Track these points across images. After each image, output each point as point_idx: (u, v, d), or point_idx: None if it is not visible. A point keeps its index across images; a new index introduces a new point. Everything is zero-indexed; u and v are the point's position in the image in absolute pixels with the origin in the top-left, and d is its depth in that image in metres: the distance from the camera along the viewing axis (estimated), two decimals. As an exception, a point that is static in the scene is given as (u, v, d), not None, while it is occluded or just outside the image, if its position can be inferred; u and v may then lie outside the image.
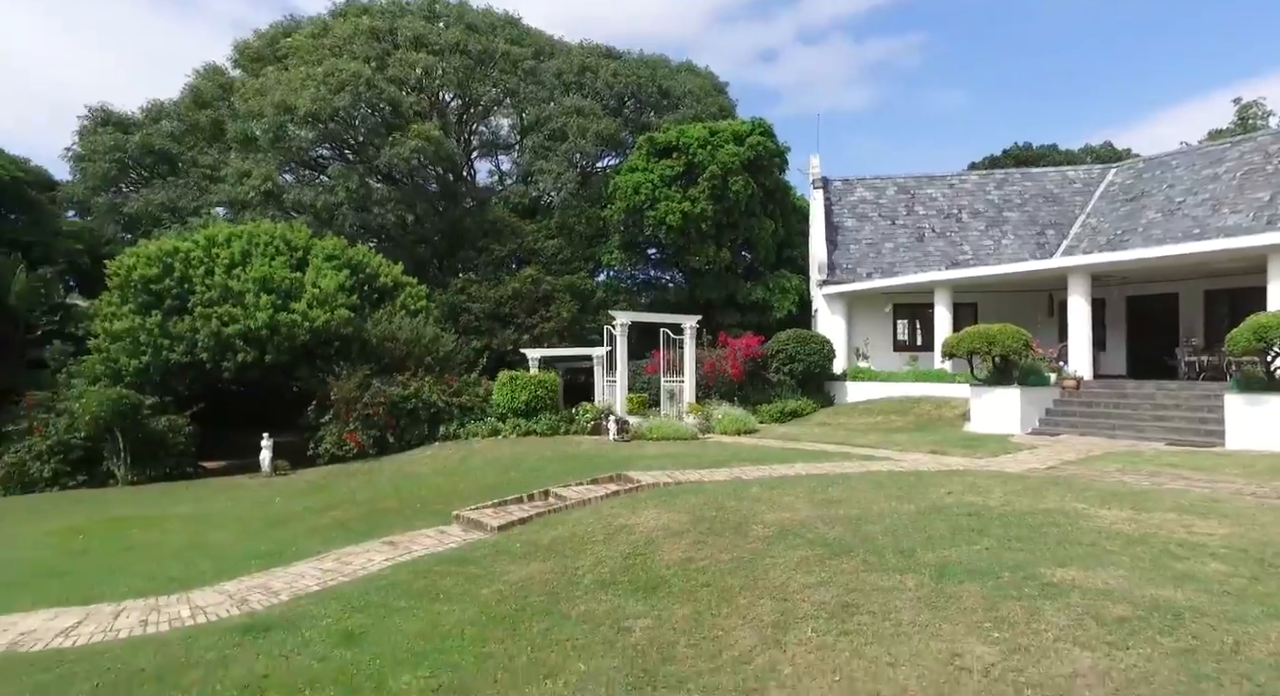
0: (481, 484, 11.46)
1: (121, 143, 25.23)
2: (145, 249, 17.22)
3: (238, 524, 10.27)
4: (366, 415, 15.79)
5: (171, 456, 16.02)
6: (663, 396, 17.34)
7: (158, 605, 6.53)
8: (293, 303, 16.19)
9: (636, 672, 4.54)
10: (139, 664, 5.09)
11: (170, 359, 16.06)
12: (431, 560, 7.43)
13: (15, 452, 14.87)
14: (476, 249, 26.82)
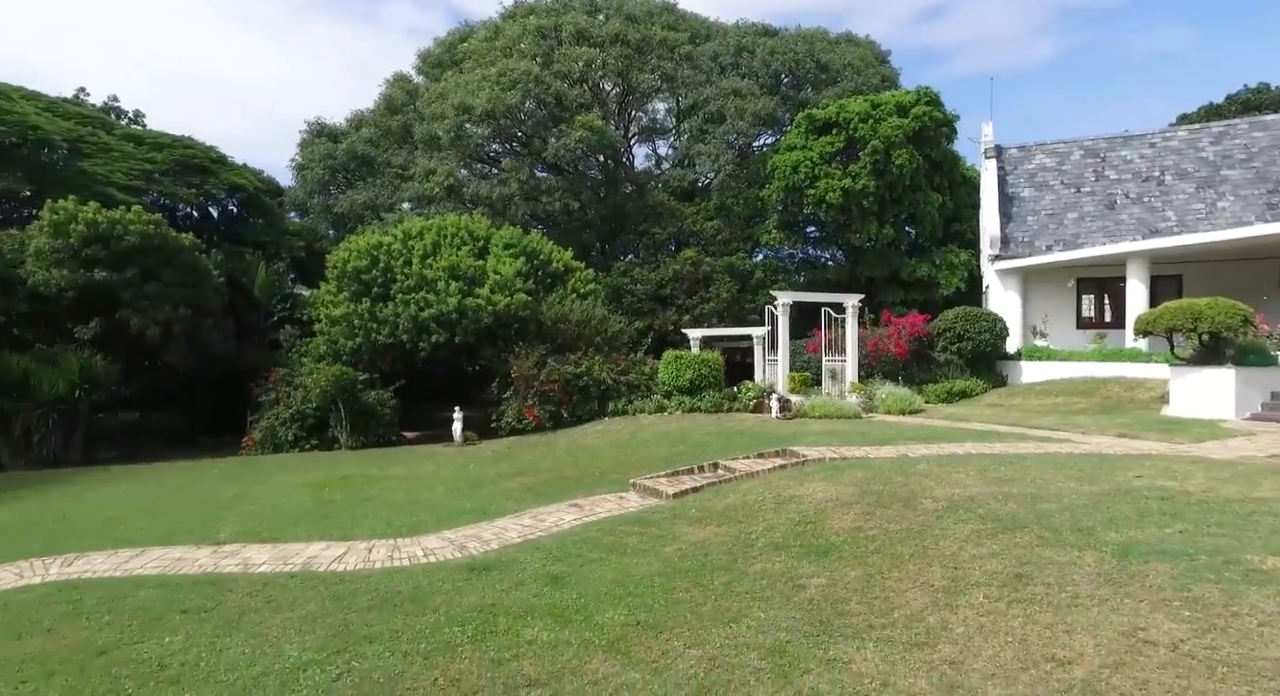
0: (652, 456, 12.26)
1: (331, 150, 28.71)
2: (355, 243, 19.65)
3: (443, 485, 11.73)
4: (543, 391, 17.17)
5: (380, 426, 18.29)
6: (824, 375, 17.37)
7: (397, 545, 7.81)
8: (477, 288, 17.88)
9: (813, 622, 4.98)
10: (396, 587, 6.24)
11: (377, 340, 18.30)
12: (615, 521, 8.24)
13: (267, 419, 17.70)
14: (637, 232, 27.86)
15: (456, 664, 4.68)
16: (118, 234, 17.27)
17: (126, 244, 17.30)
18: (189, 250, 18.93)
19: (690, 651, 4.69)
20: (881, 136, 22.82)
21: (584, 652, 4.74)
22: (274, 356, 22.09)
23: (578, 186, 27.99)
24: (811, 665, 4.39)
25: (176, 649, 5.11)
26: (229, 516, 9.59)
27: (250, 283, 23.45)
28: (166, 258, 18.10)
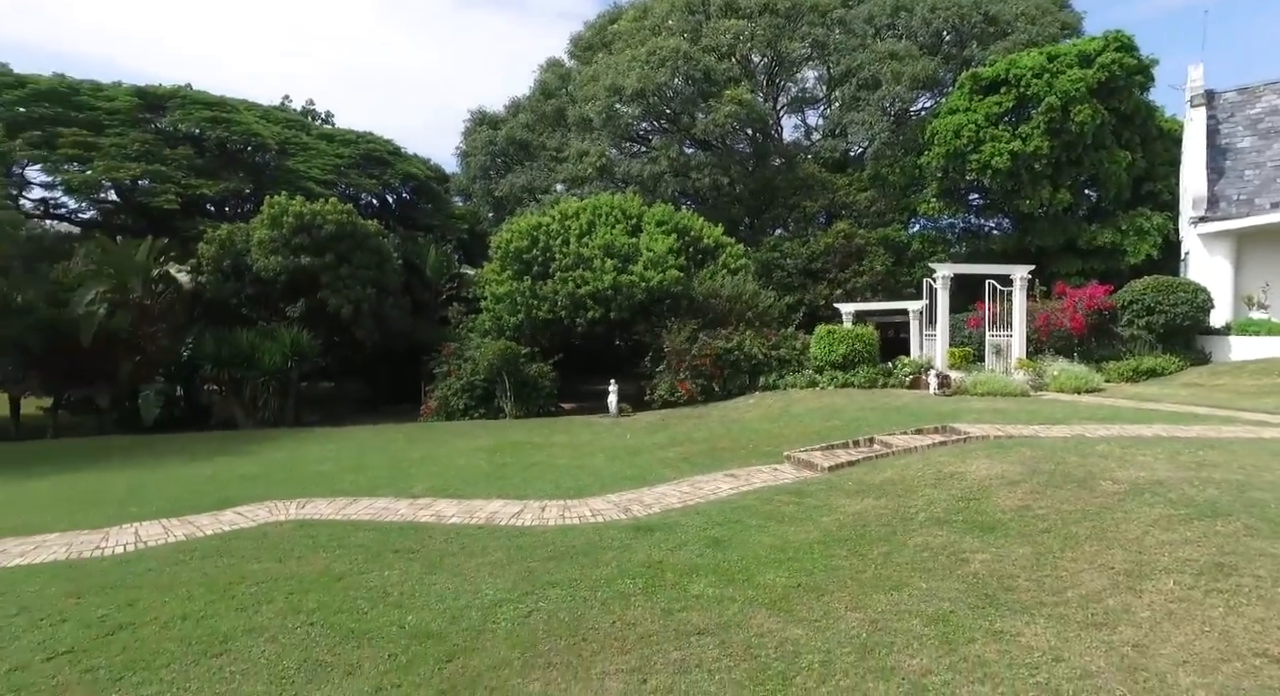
0: (805, 430, 12.30)
1: (492, 137, 30.53)
2: (516, 225, 20.89)
3: (603, 453, 12.43)
4: (694, 366, 17.56)
5: (541, 397, 19.50)
6: (987, 351, 16.46)
7: (567, 505, 8.47)
8: (631, 265, 18.50)
9: (978, 595, 4.98)
10: (570, 542, 6.84)
11: (537, 316, 19.44)
12: (771, 491, 8.45)
13: (440, 390, 19.44)
14: (787, 206, 27.44)
15: (631, 611, 5.14)
16: (318, 223, 19.50)
17: (325, 232, 19.51)
18: (374, 236, 20.99)
19: (852, 614, 4.85)
20: (1058, 92, 20.91)
21: (748, 608, 5.04)
22: (444, 332, 24.04)
23: (726, 161, 27.93)
24: (977, 635, 4.43)
25: (395, 580, 5.96)
26: (419, 474, 10.76)
27: (423, 264, 25.59)
28: (357, 243, 20.21)
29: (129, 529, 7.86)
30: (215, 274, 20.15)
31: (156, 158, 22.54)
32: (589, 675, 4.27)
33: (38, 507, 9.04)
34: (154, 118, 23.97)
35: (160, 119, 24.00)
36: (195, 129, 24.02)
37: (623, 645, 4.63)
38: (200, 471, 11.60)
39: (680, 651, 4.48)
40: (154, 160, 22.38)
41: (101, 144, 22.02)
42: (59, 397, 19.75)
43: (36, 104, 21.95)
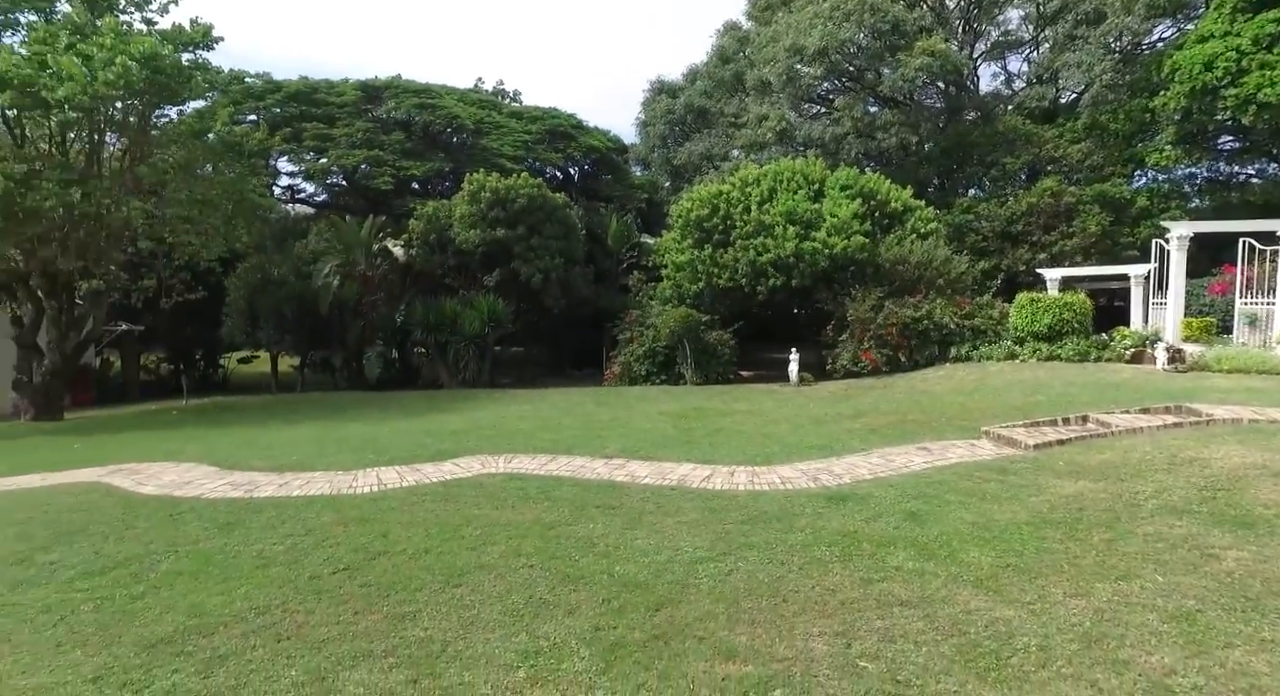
0: (1004, 405, 11.50)
1: (670, 106, 30.82)
2: (697, 193, 21.03)
3: (787, 421, 12.41)
4: (879, 335, 16.90)
5: (720, 364, 19.72)
6: (1237, 322, 14.32)
7: (755, 472, 8.61)
8: (813, 232, 18.04)
9: (1235, 597, 4.48)
10: (762, 507, 6.99)
11: (717, 284, 19.57)
12: (970, 467, 8.05)
13: (624, 356, 20.27)
14: (983, 164, 25.28)
15: (830, 577, 5.19)
16: (511, 197, 20.87)
17: (518, 206, 20.84)
18: (562, 208, 22.10)
19: (1072, 600, 4.57)
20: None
21: (952, 584, 4.91)
22: (625, 299, 24.91)
23: (915, 119, 26.19)
24: (1236, 640, 4.01)
25: (599, 533, 6.42)
26: (609, 436, 11.37)
27: (604, 234, 26.56)
28: (546, 215, 21.41)
29: (371, 473, 9.06)
30: (423, 247, 22.28)
31: (375, 144, 25.16)
32: (793, 634, 4.40)
33: (304, 450, 10.67)
34: (372, 108, 26.71)
35: (377, 108, 26.68)
36: (405, 115, 26.46)
37: (824, 609, 4.70)
38: (418, 425, 13.04)
39: (884, 620, 4.48)
40: (373, 146, 25.00)
41: (334, 135, 24.94)
42: (304, 357, 22.96)
43: (287, 104, 25.28)
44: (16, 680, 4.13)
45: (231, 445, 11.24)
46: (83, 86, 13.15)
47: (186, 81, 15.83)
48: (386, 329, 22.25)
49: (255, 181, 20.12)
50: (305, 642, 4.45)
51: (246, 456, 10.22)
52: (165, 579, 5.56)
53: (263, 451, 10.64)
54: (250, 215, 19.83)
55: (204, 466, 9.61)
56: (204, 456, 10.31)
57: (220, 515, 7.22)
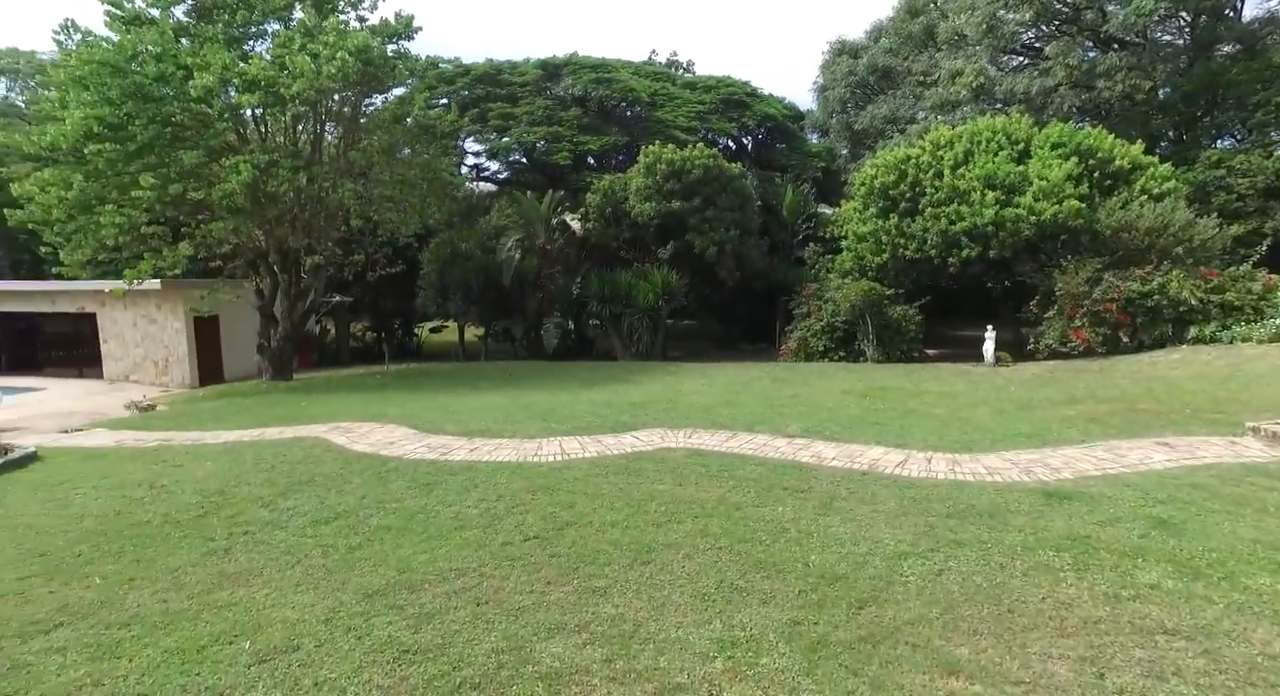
0: (1271, 397, 9.66)
1: (852, 67, 29.04)
2: (882, 159, 19.63)
3: (986, 405, 11.26)
4: (1095, 312, 14.93)
5: (904, 341, 18.44)
6: None
7: (955, 459, 7.82)
8: (1017, 197, 16.20)
9: None
10: (967, 500, 6.29)
11: (903, 256, 18.22)
12: (1234, 469, 6.80)
13: (800, 330, 19.54)
14: (1243, 107, 21.37)
15: (1062, 589, 4.51)
16: (687, 169, 20.64)
17: (693, 177, 20.58)
18: (737, 178, 21.56)
19: None
20: None
21: (1237, 616, 4.06)
22: (800, 272, 23.97)
23: (1148, 61, 22.64)
24: None
25: (789, 517, 6.07)
26: (790, 414, 10.90)
27: (779, 204, 25.66)
28: (721, 186, 20.98)
29: (554, 441, 9.29)
30: (599, 220, 22.69)
31: (554, 120, 25.93)
32: (1025, 653, 3.83)
33: (490, 417, 11.22)
34: (551, 85, 27.52)
35: (556, 85, 27.44)
36: (582, 91, 27.00)
37: (1061, 626, 4.07)
38: (597, 396, 13.29)
39: (1145, 651, 3.78)
40: (552, 123, 25.78)
41: (516, 113, 26.02)
42: (488, 327, 24.37)
43: (474, 86, 26.71)
44: (270, 612, 4.57)
45: (426, 410, 12.06)
46: (310, 81, 14.55)
47: (391, 70, 17.08)
48: (563, 301, 23.04)
49: (446, 161, 21.46)
50: (502, 609, 4.53)
51: (440, 421, 10.89)
52: (376, 533, 5.95)
53: (454, 416, 11.29)
54: (442, 193, 21.20)
55: (404, 428, 10.35)
56: (403, 419, 11.13)
57: (420, 476, 7.67)
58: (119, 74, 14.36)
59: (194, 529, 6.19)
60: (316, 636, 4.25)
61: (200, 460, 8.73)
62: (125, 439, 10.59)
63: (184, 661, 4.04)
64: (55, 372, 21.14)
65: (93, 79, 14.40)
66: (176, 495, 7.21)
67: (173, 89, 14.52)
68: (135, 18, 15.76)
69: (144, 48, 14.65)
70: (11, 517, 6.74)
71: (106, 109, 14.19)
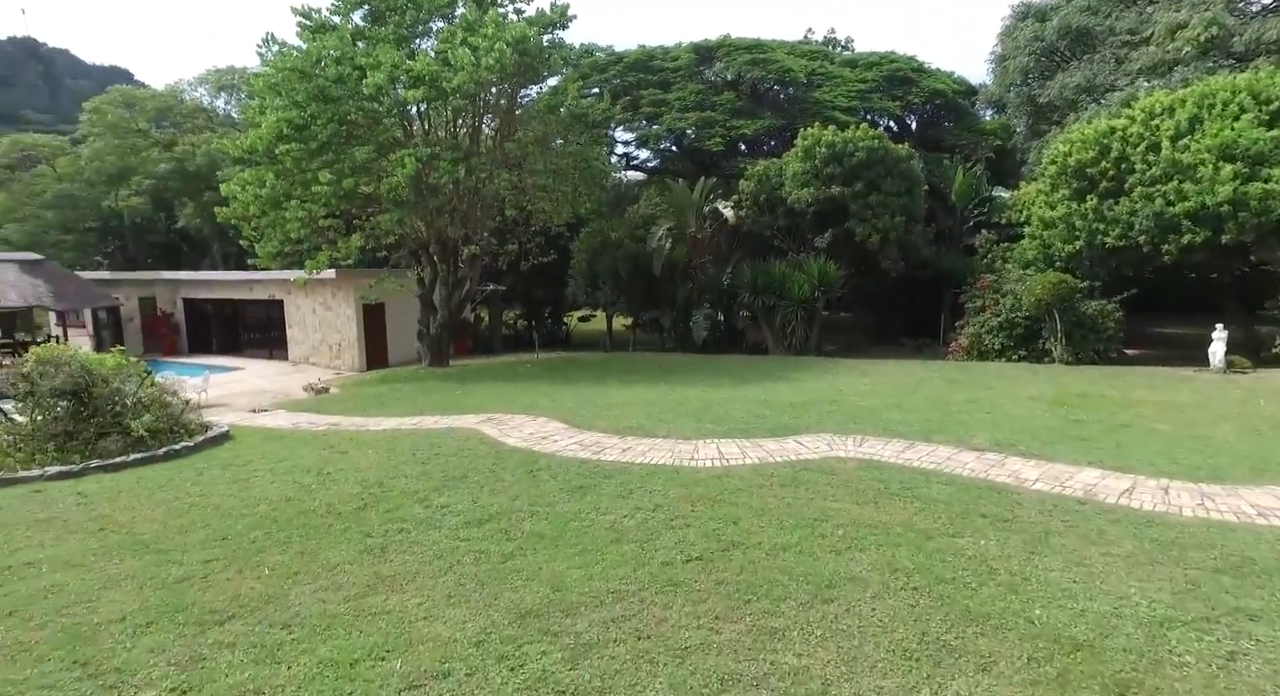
0: None
1: (1039, 32, 25.95)
2: (1078, 133, 17.27)
3: (1228, 421, 9.42)
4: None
5: (1100, 340, 16.20)
6: None
7: (1203, 492, 6.41)
8: (1267, 169, 13.56)
9: None
10: (1240, 549, 5.03)
11: (1102, 243, 15.93)
12: None
13: (973, 326, 17.71)
14: None
15: None
16: (849, 151, 19.25)
17: (855, 160, 19.16)
18: (904, 160, 19.85)
19: None
20: None
21: None
22: (969, 262, 21.83)
23: None
24: None
25: (995, 554, 5.10)
26: (972, 422, 9.64)
27: (947, 188, 23.49)
28: (887, 169, 19.39)
29: (711, 444, 8.68)
30: (752, 208, 21.75)
31: (706, 105, 25.22)
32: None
33: (642, 413, 10.81)
34: (704, 69, 26.79)
35: (708, 69, 26.69)
36: (735, 74, 26.06)
37: None
38: (752, 393, 12.54)
39: None
40: (704, 108, 25.08)
41: (668, 99, 25.56)
42: (636, 317, 24.19)
43: (626, 74, 26.53)
44: (421, 626, 4.31)
45: (577, 403, 11.86)
46: (470, 74, 14.84)
47: (546, 60, 17.13)
48: (713, 291, 22.38)
49: (598, 150, 21.34)
50: (667, 647, 3.98)
51: (590, 415, 10.60)
52: (529, 540, 5.62)
53: (605, 411, 10.98)
54: (593, 183, 21.16)
55: (555, 423, 10.15)
56: (554, 412, 10.95)
57: (573, 477, 7.34)
58: (305, 78, 15.30)
59: (353, 521, 6.17)
60: (468, 662, 3.90)
61: (363, 448, 8.93)
62: (301, 421, 11.18)
63: (337, 676, 3.83)
64: (251, 354, 23.32)
65: (284, 85, 15.45)
66: (340, 484, 7.31)
67: (348, 89, 15.27)
68: (321, 26, 16.76)
69: (326, 52, 15.52)
70: (205, 497, 7.08)
71: (294, 111, 15.16)
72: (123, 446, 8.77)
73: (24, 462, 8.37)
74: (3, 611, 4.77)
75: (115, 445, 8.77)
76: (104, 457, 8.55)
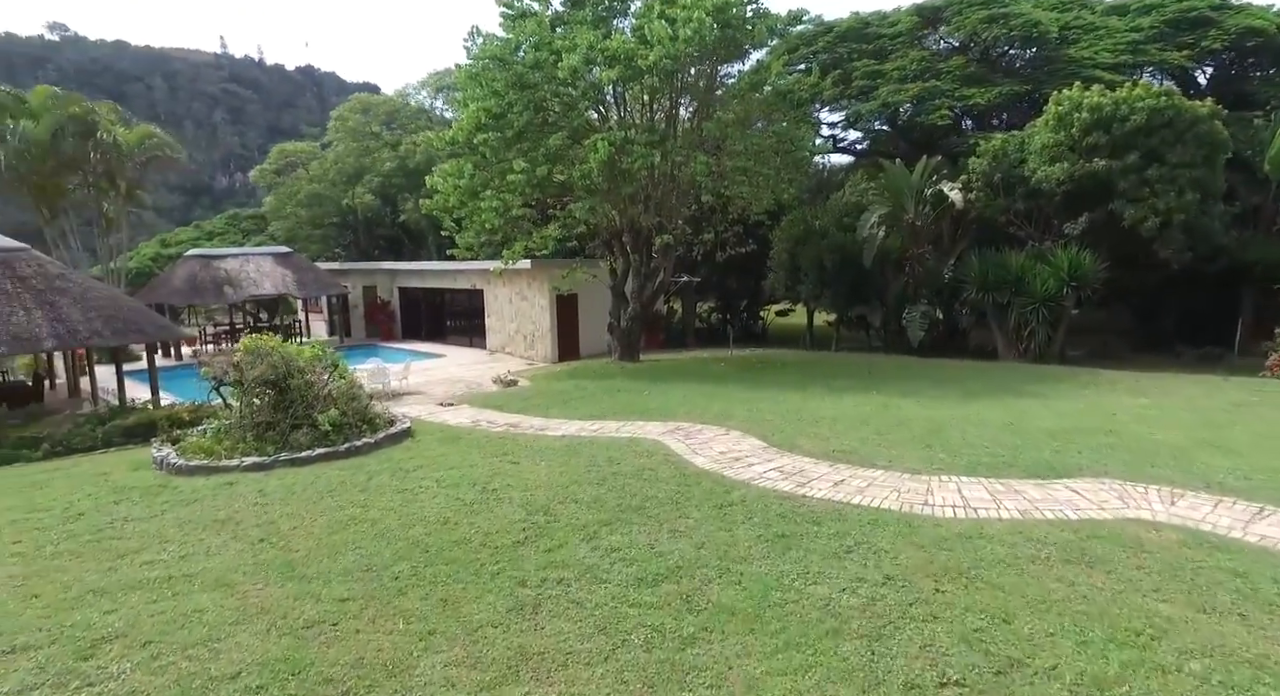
0: None
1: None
2: None
3: None
4: None
5: None
6: None
7: None
8: None
9: None
10: None
11: None
12: None
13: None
14: None
15: None
16: (1120, 116, 15.65)
17: (1130, 125, 15.52)
18: (1204, 120, 15.70)
19: None
20: None
21: None
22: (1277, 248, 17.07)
23: None
24: None
25: None
26: (1341, 475, 6.79)
27: (1255, 155, 18.58)
28: (1176, 135, 15.50)
29: (949, 484, 6.80)
30: (984, 189, 18.63)
31: (930, 74, 22.24)
32: None
33: (856, 433, 9.04)
34: (928, 33, 23.71)
35: (933, 33, 23.56)
36: (966, 36, 22.71)
37: None
38: (991, 413, 10.21)
39: None
40: (927, 77, 22.12)
41: (884, 70, 22.89)
42: (841, 313, 21.94)
43: (836, 46, 24.16)
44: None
45: (776, 414, 10.31)
46: (666, 48, 13.79)
47: (749, 31, 15.61)
48: (932, 286, 19.56)
49: (804, 129, 19.32)
50: None
51: (792, 432, 9.03)
52: (716, 617, 4.28)
53: (809, 427, 9.35)
54: (795, 167, 19.32)
55: (751, 439, 8.71)
56: (749, 424, 9.51)
57: (773, 519, 5.89)
58: (503, 66, 15.10)
59: (508, 561, 5.21)
60: None
61: (536, 459, 8.10)
62: (481, 419, 10.74)
63: None
64: (455, 341, 24.30)
65: (484, 74, 15.38)
66: (502, 505, 6.45)
67: (544, 74, 14.82)
68: (522, 14, 16.55)
69: (525, 38, 15.20)
70: (366, 509, 6.56)
71: (492, 100, 15.02)
72: (311, 439, 8.69)
73: (229, 450, 8.53)
74: (142, 638, 4.33)
75: (305, 438, 8.70)
76: (294, 450, 8.50)
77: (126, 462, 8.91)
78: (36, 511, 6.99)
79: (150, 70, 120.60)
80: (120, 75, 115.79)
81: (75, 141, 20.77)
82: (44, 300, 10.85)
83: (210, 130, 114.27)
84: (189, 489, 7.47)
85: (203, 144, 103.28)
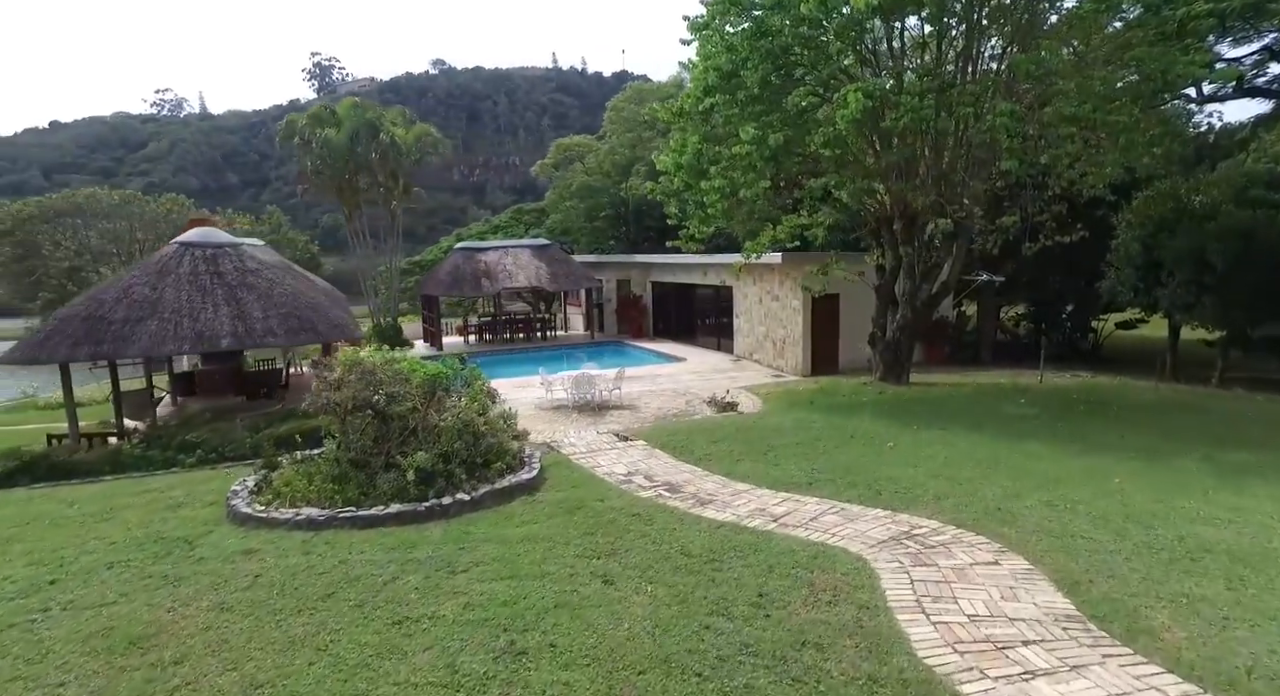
0: None
1: None
2: None
3: None
4: None
5: None
6: None
7: None
8: None
9: None
10: None
11: None
12: None
13: None
14: None
15: None
16: None
17: None
18: None
19: None
20: None
21: None
22: None
23: None
24: None
25: None
26: None
27: None
28: None
29: None
30: None
31: None
32: None
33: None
34: None
35: None
36: None
37: None
38: None
39: None
40: None
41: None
42: (1232, 330, 15.00)
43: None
44: None
45: (1105, 518, 5.91)
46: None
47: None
48: None
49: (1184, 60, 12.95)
50: None
51: (1141, 577, 4.75)
52: None
53: (1179, 566, 4.95)
54: (1161, 122, 13.34)
55: (1044, 584, 4.69)
56: (1048, 538, 5.39)
57: None
58: (739, 8, 12.04)
59: None
60: None
61: (644, 578, 5.07)
62: (641, 469, 7.97)
63: None
64: (702, 342, 21.92)
65: (716, 23, 12.49)
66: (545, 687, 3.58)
67: (789, 13, 11.40)
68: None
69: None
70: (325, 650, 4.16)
71: (724, 56, 12.07)
72: (394, 488, 6.67)
73: (302, 494, 6.86)
74: None
75: (387, 485, 6.70)
76: (369, 502, 6.54)
77: (224, 489, 7.74)
78: (38, 564, 5.81)
79: (497, 89, 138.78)
80: (476, 95, 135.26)
81: (367, 144, 22.37)
82: (233, 297, 10.58)
83: (538, 135, 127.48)
84: (214, 550, 5.83)
85: (531, 148, 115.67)
